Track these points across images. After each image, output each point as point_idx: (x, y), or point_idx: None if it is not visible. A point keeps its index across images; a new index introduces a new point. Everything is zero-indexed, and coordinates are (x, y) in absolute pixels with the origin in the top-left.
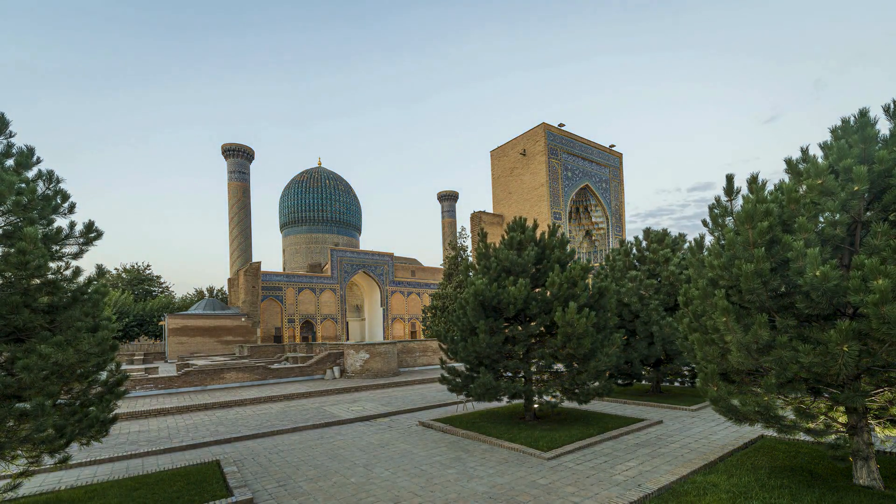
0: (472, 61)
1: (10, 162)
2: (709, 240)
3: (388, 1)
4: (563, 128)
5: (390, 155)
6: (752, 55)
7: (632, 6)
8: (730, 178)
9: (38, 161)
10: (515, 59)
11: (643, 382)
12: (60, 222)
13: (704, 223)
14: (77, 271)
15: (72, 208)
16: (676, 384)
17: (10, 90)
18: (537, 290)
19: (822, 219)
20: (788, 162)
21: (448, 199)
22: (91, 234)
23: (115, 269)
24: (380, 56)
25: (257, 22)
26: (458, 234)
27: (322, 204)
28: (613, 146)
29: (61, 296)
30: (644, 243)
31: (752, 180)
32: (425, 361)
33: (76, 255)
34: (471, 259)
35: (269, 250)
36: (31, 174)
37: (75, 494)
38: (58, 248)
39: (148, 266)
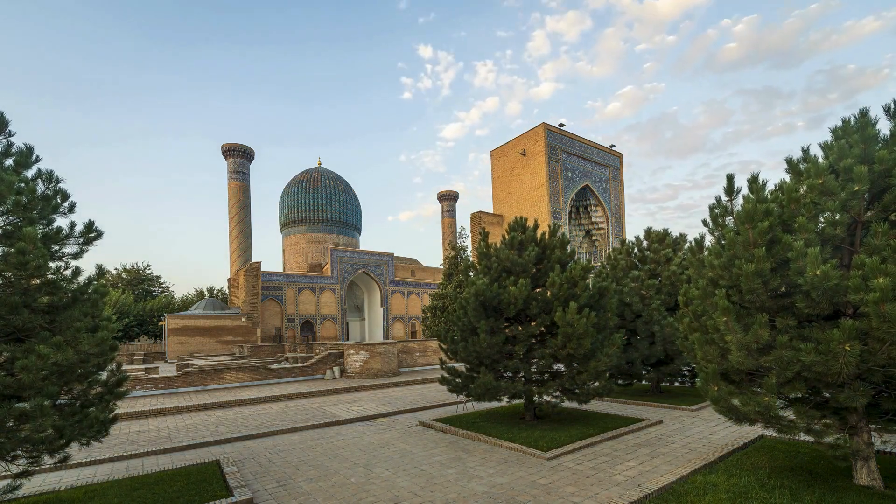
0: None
1: (9, 161)
2: (709, 240)
3: (402, 25)
4: (563, 128)
5: (391, 155)
6: None
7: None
8: (730, 178)
9: (38, 160)
10: (516, 61)
11: (643, 382)
12: (60, 222)
13: (704, 223)
14: (77, 271)
15: (72, 208)
16: (676, 384)
17: (9, 90)
18: (538, 290)
19: (822, 219)
20: (789, 161)
21: (448, 199)
22: (91, 233)
23: (115, 269)
24: (385, 61)
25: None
26: (457, 234)
27: (322, 204)
28: (613, 146)
29: (61, 296)
30: (645, 243)
31: (753, 180)
32: (425, 361)
33: (76, 255)
34: (471, 259)
35: (269, 250)
36: (30, 174)
37: (75, 494)
38: (58, 248)
39: (148, 266)
